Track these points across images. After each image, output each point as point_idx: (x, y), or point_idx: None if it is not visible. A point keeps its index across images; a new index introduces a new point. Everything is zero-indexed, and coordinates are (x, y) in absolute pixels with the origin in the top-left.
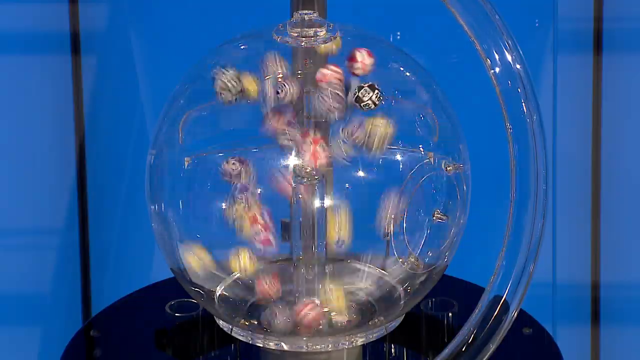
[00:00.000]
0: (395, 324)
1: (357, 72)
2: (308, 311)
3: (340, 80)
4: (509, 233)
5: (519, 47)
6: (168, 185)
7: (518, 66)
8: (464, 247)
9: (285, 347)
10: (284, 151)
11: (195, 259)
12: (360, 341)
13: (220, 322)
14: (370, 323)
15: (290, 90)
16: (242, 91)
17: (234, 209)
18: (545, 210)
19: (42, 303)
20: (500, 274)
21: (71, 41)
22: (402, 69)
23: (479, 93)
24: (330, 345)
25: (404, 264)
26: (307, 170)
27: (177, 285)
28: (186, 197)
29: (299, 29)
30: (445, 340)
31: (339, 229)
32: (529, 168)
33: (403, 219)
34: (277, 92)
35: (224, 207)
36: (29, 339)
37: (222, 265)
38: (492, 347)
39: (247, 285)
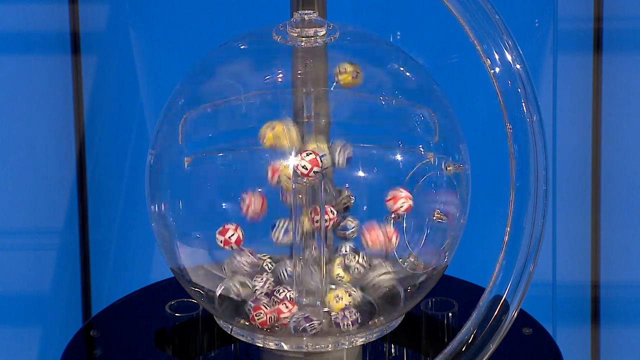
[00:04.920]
0: (395, 324)
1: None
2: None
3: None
4: (509, 233)
5: (519, 47)
6: (168, 185)
7: (518, 66)
8: (464, 247)
9: (285, 347)
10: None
11: None
12: (360, 341)
13: (220, 322)
14: (370, 323)
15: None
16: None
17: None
18: (545, 210)
19: (42, 303)
20: (500, 274)
21: (71, 41)
22: (402, 69)
23: (479, 93)
24: (330, 345)
25: (404, 264)
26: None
27: (177, 285)
28: (186, 197)
29: (299, 29)
30: (445, 340)
31: None
32: (529, 168)
33: (403, 219)
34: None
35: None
36: (29, 339)
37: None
38: (492, 347)
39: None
